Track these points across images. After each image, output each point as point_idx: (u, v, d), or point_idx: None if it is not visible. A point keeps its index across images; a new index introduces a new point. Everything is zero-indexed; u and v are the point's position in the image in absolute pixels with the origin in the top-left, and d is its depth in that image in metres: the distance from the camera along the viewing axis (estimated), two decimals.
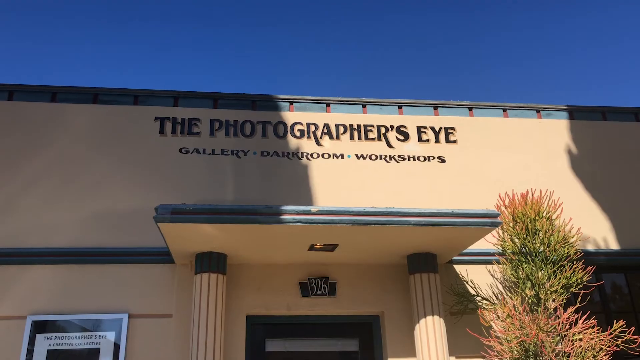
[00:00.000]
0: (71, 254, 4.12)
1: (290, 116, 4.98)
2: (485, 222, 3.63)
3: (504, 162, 5.06)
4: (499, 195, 4.39)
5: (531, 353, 3.81)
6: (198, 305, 3.73)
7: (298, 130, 4.94)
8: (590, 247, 4.80)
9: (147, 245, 4.24)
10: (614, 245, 4.85)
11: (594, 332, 3.74)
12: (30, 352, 3.80)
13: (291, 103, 5.04)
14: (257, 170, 4.69)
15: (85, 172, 4.48)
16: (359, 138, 4.97)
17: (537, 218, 4.08)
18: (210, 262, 3.85)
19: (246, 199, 4.55)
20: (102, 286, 4.09)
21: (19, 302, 3.96)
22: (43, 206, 4.31)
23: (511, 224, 4.17)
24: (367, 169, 4.84)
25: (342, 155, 4.87)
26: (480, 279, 4.51)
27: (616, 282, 4.90)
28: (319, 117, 5.01)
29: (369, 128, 5.02)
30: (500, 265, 4.24)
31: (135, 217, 4.34)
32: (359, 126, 5.02)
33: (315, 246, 3.94)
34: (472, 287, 4.44)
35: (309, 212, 3.48)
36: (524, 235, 4.08)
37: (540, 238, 4.05)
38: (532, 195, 4.21)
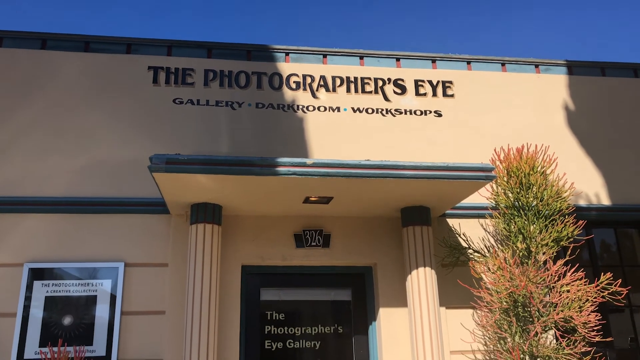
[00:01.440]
0: (66, 203, 4.13)
1: (285, 67, 4.91)
2: (480, 175, 3.64)
3: (500, 117, 5.04)
4: (495, 150, 4.40)
5: (520, 304, 3.91)
6: (193, 255, 3.78)
7: (294, 82, 4.87)
8: (582, 203, 4.85)
9: (143, 196, 4.25)
10: (605, 200, 4.90)
11: (581, 284, 3.83)
12: (28, 299, 3.86)
13: (287, 54, 4.95)
14: (252, 123, 4.66)
15: (78, 121, 4.43)
16: (356, 91, 4.91)
17: (531, 173, 4.10)
18: (206, 212, 3.87)
19: (241, 151, 4.53)
20: (97, 235, 4.12)
21: (15, 250, 4.00)
22: (36, 155, 4.28)
23: (505, 178, 4.19)
24: (363, 122, 4.82)
25: (338, 108, 4.83)
26: (473, 233, 4.57)
27: (606, 237, 4.98)
28: (315, 69, 4.93)
29: (366, 81, 4.96)
30: (492, 219, 4.30)
31: (130, 168, 4.33)
32: (355, 79, 4.95)
33: (310, 199, 3.96)
34: (464, 240, 4.51)
35: (304, 165, 3.48)
36: (518, 190, 4.11)
37: (534, 192, 4.09)
38: (528, 150, 4.22)
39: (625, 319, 4.76)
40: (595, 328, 3.84)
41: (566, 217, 4.16)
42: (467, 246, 4.45)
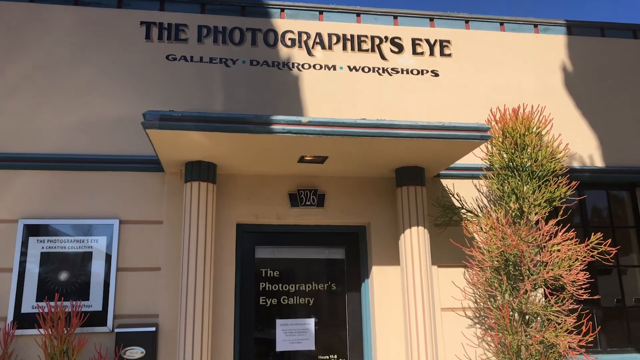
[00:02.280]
0: (60, 160, 4.10)
1: (281, 24, 4.81)
2: (475, 135, 3.64)
3: (498, 77, 5.00)
4: (490, 110, 4.38)
5: (511, 262, 3.97)
6: (188, 213, 3.79)
7: (289, 39, 4.79)
8: (575, 164, 4.87)
9: (137, 153, 4.23)
10: (599, 162, 4.92)
11: (572, 243, 3.89)
12: (24, 254, 3.88)
13: (282, 10, 4.85)
14: (247, 80, 4.60)
15: (70, 77, 4.36)
16: (352, 49, 4.84)
17: (526, 133, 4.10)
18: (200, 170, 3.87)
19: (235, 108, 4.49)
20: (92, 193, 4.11)
21: (9, 206, 3.99)
22: (28, 111, 4.22)
23: (500, 139, 4.19)
24: (359, 81, 4.76)
25: (334, 67, 4.76)
26: (466, 193, 4.60)
27: (597, 199, 5.03)
28: (311, 26, 4.84)
29: (362, 39, 4.88)
30: (486, 180, 4.32)
31: (124, 125, 4.30)
32: (352, 36, 4.87)
33: (305, 158, 3.95)
34: (457, 200, 4.54)
35: (299, 123, 3.45)
36: (513, 150, 4.12)
37: (528, 153, 4.10)
38: (524, 110, 4.21)
39: (613, 280, 4.86)
40: (583, 286, 3.93)
41: (559, 178, 4.20)
42: (460, 206, 4.49)
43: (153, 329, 3.80)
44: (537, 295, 4.28)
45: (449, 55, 4.98)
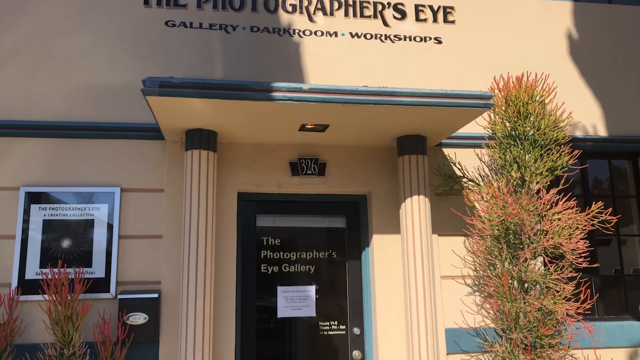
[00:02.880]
0: (60, 127, 4.08)
1: None
2: (478, 103, 3.60)
3: (502, 45, 4.92)
4: (494, 78, 4.33)
5: (511, 231, 3.99)
6: (189, 181, 3.79)
7: (290, 4, 4.70)
8: (578, 133, 4.84)
9: (137, 121, 4.21)
10: (602, 132, 4.89)
11: (572, 212, 3.90)
12: (26, 221, 3.90)
13: None
14: (247, 47, 4.53)
15: (68, 43, 4.30)
16: (354, 15, 4.75)
17: (529, 102, 4.06)
18: (201, 138, 3.85)
19: (235, 75, 4.44)
20: (92, 160, 4.10)
21: (10, 174, 3.99)
22: (26, 78, 4.18)
23: (503, 107, 4.16)
24: (361, 48, 4.69)
25: (335, 33, 4.69)
26: (468, 162, 4.59)
27: (599, 168, 5.01)
28: None
29: (364, 4, 4.79)
30: (488, 149, 4.30)
31: (124, 92, 4.26)
32: (354, 2, 4.78)
33: (306, 126, 3.93)
34: (459, 169, 4.53)
35: (300, 90, 3.42)
36: (515, 119, 4.09)
37: (531, 122, 4.07)
38: (527, 78, 4.16)
39: (612, 251, 4.89)
40: (582, 255, 3.95)
41: (562, 147, 4.18)
42: (461, 175, 4.48)
43: (155, 295, 3.84)
44: (537, 263, 4.32)
45: (453, 22, 4.90)
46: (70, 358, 3.57)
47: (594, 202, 4.60)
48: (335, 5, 4.74)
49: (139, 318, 3.79)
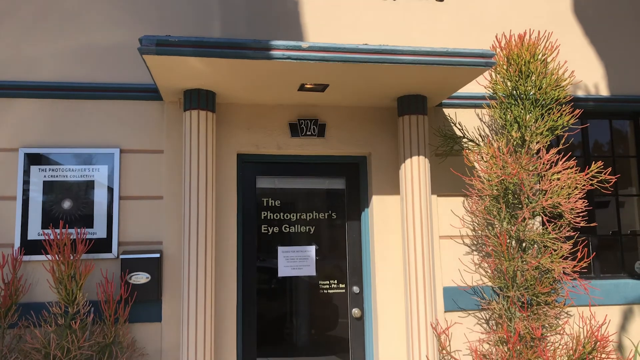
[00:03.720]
0: (57, 88, 4.04)
1: None
2: (479, 62, 3.56)
3: (504, 2, 4.82)
4: (496, 36, 4.27)
5: (510, 191, 4.00)
6: (188, 142, 3.77)
7: None
8: (580, 93, 4.80)
9: (135, 82, 4.17)
10: (604, 92, 4.85)
11: (572, 172, 3.90)
12: (26, 183, 3.90)
13: None
14: (245, 5, 4.44)
15: (63, 1, 4.20)
16: None
17: (531, 60, 4.01)
18: (199, 99, 3.81)
19: (233, 34, 4.37)
20: (91, 121, 4.08)
21: (8, 135, 3.97)
22: (21, 37, 4.11)
23: (505, 66, 4.11)
24: (361, 6, 4.60)
25: None
26: (468, 122, 4.57)
27: (600, 128, 4.99)
28: None
29: None
30: (489, 109, 4.27)
31: (121, 52, 4.20)
32: None
33: (306, 86, 3.89)
34: (459, 129, 4.51)
35: (299, 48, 3.37)
36: (517, 78, 4.04)
37: (533, 81, 4.03)
38: (530, 36, 4.09)
39: (610, 213, 4.91)
40: (581, 214, 3.98)
41: (563, 106, 4.15)
42: (461, 135, 4.47)
43: (157, 255, 3.89)
44: (535, 223, 4.35)
45: None
46: (75, 316, 3.64)
47: (593, 162, 4.60)
48: None
49: (141, 277, 3.84)
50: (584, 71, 4.84)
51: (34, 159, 3.93)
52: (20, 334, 3.67)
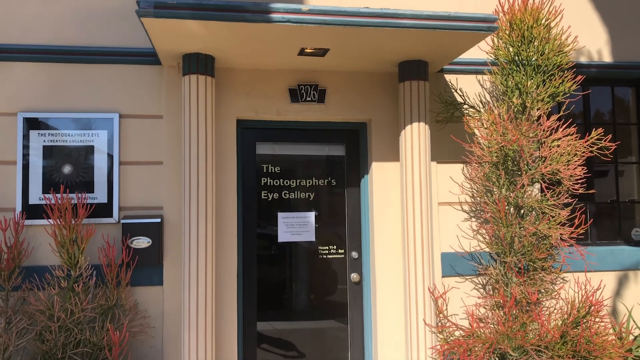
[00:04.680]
0: (54, 51, 3.99)
1: None
2: (482, 26, 3.51)
3: None
4: (499, 1, 4.20)
5: (510, 158, 4.01)
6: (188, 106, 3.76)
7: None
8: (583, 59, 4.75)
9: (133, 46, 4.12)
10: (607, 58, 4.80)
11: (572, 139, 3.90)
12: (26, 147, 3.90)
13: None
14: None
15: None
16: None
17: (534, 25, 3.95)
18: (198, 63, 3.78)
19: None
20: (89, 86, 4.05)
21: (6, 99, 3.95)
22: (17, 0, 4.04)
23: (507, 31, 4.06)
24: None
25: None
26: (469, 89, 4.54)
27: (601, 96, 4.96)
28: None
29: None
30: (490, 75, 4.24)
31: (119, 15, 4.13)
32: None
33: (306, 50, 3.84)
34: (460, 95, 4.48)
35: (299, 11, 3.32)
36: (519, 43, 4.00)
37: (535, 46, 3.98)
38: (533, 1, 4.03)
39: (609, 182, 4.93)
40: (579, 181, 3.99)
41: (565, 72, 4.11)
42: (462, 102, 4.44)
43: (158, 220, 3.92)
44: (534, 190, 4.37)
45: None
46: (77, 279, 3.69)
47: (594, 130, 4.59)
48: None
49: (142, 242, 3.88)
50: (588, 37, 4.78)
51: (33, 124, 3.92)
52: (24, 296, 3.73)
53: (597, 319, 3.69)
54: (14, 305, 3.65)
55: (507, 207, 4.00)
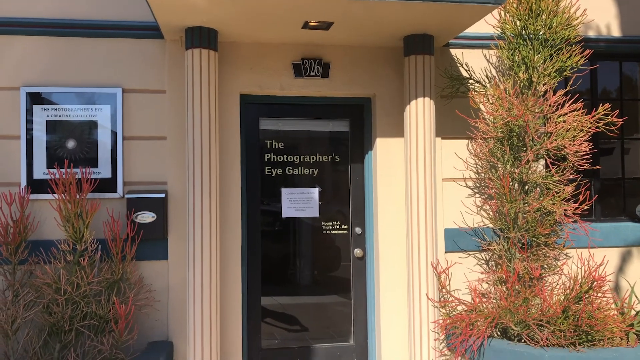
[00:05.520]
0: (56, 25, 3.95)
1: None
2: None
3: None
4: None
5: (515, 133, 3.98)
6: (191, 81, 3.73)
7: None
8: (591, 33, 4.68)
9: (135, 19, 4.07)
10: (615, 32, 4.72)
11: (578, 114, 3.86)
12: (29, 122, 3.90)
13: None
14: None
15: None
16: None
17: None
18: (201, 37, 3.74)
19: None
20: (92, 60, 4.02)
21: (9, 73, 3.93)
22: None
23: (515, 4, 3.99)
24: None
25: None
26: (475, 63, 4.48)
27: (610, 70, 4.90)
28: None
29: None
30: (496, 50, 4.19)
31: None
32: None
33: (310, 23, 3.80)
34: (465, 70, 4.43)
35: None
36: (527, 17, 3.94)
37: (543, 20, 3.92)
38: None
39: (614, 160, 4.90)
40: (585, 157, 3.97)
41: (573, 46, 4.06)
42: (468, 77, 4.40)
43: (162, 195, 3.93)
44: (539, 166, 4.35)
45: None
46: (83, 253, 3.72)
47: (601, 105, 4.54)
48: None
49: (147, 216, 3.90)
50: (596, 10, 4.70)
51: (35, 98, 3.91)
52: (30, 269, 3.77)
53: (599, 294, 3.70)
54: (20, 278, 3.69)
55: (511, 183, 3.99)
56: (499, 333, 3.92)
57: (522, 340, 3.77)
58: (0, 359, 3.62)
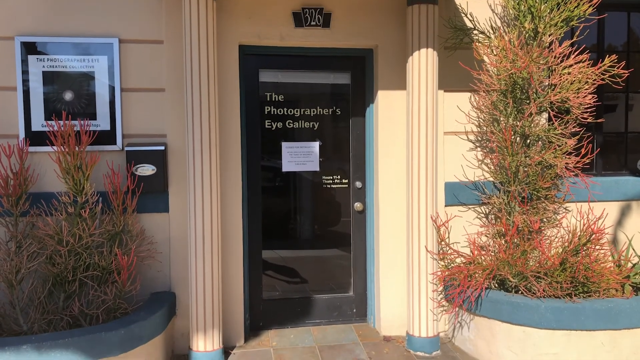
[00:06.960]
0: None
1: None
2: None
3: None
4: None
5: (519, 86, 3.92)
6: (188, 31, 3.64)
7: None
8: None
9: None
10: None
11: (583, 66, 3.79)
12: (25, 73, 3.83)
13: None
14: None
15: None
16: None
17: None
18: None
19: None
20: (87, 9, 3.91)
21: (3, 22, 3.82)
22: None
23: None
24: None
25: None
26: (479, 13, 4.37)
27: (617, 21, 4.78)
28: None
29: None
30: None
31: None
32: None
33: None
34: (470, 20, 4.32)
35: None
36: None
37: None
38: None
39: (618, 116, 4.84)
40: (588, 110, 3.92)
41: None
42: (472, 27, 4.29)
43: (162, 148, 3.90)
44: (541, 119, 4.31)
45: None
46: (84, 205, 3.73)
47: (607, 56, 4.46)
48: None
49: (147, 169, 3.89)
50: None
51: (30, 48, 3.82)
52: (32, 221, 3.79)
53: (597, 247, 3.73)
54: (23, 229, 3.71)
55: (513, 137, 3.96)
56: (496, 285, 3.98)
57: (520, 292, 3.83)
58: (6, 308, 3.68)
